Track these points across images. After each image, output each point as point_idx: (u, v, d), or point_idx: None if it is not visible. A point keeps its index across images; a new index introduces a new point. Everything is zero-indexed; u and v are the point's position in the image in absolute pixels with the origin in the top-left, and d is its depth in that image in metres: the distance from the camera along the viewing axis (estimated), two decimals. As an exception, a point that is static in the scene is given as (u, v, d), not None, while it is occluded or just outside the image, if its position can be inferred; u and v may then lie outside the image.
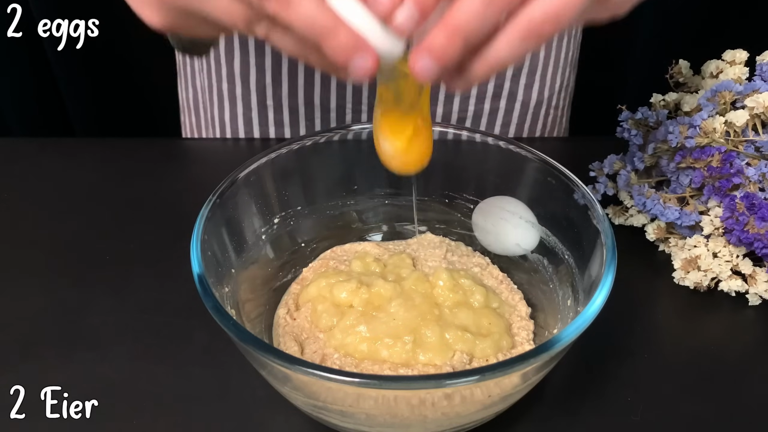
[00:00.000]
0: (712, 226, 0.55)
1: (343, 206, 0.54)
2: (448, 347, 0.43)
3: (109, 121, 1.24)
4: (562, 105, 0.81)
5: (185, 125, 0.86)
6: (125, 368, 0.48)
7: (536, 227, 0.50)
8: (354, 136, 0.52)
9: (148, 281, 0.55)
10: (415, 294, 0.47)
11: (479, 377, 0.34)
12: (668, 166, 0.57)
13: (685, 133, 0.55)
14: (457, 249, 0.53)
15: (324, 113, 0.73)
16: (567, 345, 0.36)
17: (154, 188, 0.66)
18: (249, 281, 0.47)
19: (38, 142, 0.76)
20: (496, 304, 0.48)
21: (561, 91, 0.79)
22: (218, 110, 0.77)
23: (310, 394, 0.38)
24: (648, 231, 0.59)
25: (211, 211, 0.44)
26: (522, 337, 0.46)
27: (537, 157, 0.49)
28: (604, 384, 0.48)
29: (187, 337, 0.50)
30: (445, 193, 0.54)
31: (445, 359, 0.42)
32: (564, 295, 0.46)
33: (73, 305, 0.53)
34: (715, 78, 0.59)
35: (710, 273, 0.54)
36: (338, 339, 0.44)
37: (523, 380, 0.38)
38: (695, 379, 0.48)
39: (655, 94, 0.59)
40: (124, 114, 1.24)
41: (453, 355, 0.43)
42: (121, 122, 1.24)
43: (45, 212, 0.63)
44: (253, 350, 0.35)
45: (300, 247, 0.53)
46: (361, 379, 0.34)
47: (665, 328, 0.53)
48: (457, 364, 0.43)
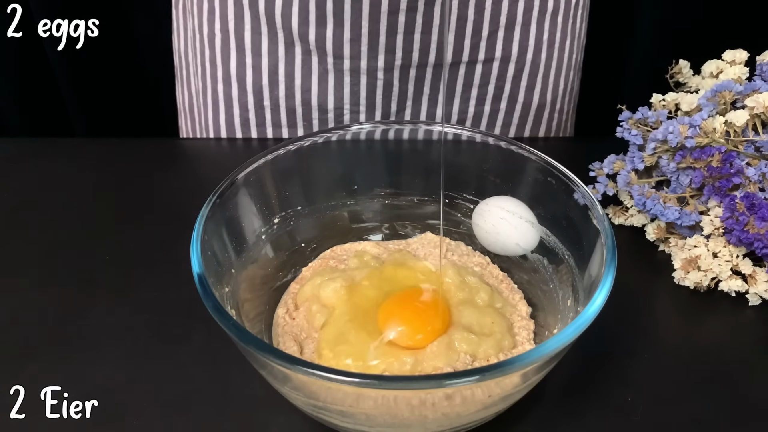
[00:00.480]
0: (712, 226, 0.55)
1: (343, 206, 0.54)
2: (453, 351, 0.43)
3: (109, 122, 1.24)
4: (567, 109, 0.81)
5: (182, 129, 0.86)
6: (125, 368, 0.48)
7: (536, 227, 0.50)
8: (353, 136, 0.52)
9: (147, 281, 0.55)
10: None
11: (479, 377, 0.34)
12: (668, 166, 0.57)
13: (685, 133, 0.55)
14: (457, 248, 0.53)
15: (321, 114, 0.73)
16: (567, 345, 0.36)
17: (153, 188, 0.66)
18: (249, 281, 0.47)
19: (38, 142, 0.76)
20: (499, 304, 0.48)
21: (565, 94, 0.79)
22: (213, 114, 0.77)
23: (310, 394, 0.38)
24: (648, 231, 0.59)
25: (212, 211, 0.44)
26: (523, 337, 0.46)
27: (537, 157, 0.49)
28: (605, 384, 0.48)
29: (186, 337, 0.50)
30: (445, 193, 0.54)
31: (450, 362, 0.43)
32: (564, 295, 0.46)
33: (72, 305, 0.53)
34: (715, 78, 0.59)
35: (710, 273, 0.54)
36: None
37: (523, 380, 0.38)
38: (696, 378, 0.48)
39: (655, 94, 0.59)
40: (125, 115, 1.24)
41: (458, 358, 0.43)
42: (121, 123, 1.24)
43: (44, 212, 0.63)
44: (253, 350, 0.35)
45: (300, 247, 0.53)
46: (360, 379, 0.34)
47: (665, 328, 0.53)
48: (459, 364, 0.43)
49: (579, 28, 0.77)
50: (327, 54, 0.69)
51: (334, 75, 0.70)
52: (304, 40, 0.68)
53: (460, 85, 0.73)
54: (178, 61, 0.82)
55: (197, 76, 0.77)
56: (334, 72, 0.70)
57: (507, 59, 0.72)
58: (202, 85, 0.76)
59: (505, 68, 0.72)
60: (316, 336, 0.45)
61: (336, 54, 0.68)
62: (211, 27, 0.72)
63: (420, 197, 0.55)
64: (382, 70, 0.70)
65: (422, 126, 0.53)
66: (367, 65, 0.69)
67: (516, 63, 0.72)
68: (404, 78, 0.71)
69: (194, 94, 0.79)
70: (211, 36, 0.72)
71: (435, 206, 0.54)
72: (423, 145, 0.54)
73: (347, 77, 0.70)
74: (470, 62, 0.71)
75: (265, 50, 0.70)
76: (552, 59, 0.74)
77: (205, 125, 0.78)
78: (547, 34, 0.72)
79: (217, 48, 0.72)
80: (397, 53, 0.68)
